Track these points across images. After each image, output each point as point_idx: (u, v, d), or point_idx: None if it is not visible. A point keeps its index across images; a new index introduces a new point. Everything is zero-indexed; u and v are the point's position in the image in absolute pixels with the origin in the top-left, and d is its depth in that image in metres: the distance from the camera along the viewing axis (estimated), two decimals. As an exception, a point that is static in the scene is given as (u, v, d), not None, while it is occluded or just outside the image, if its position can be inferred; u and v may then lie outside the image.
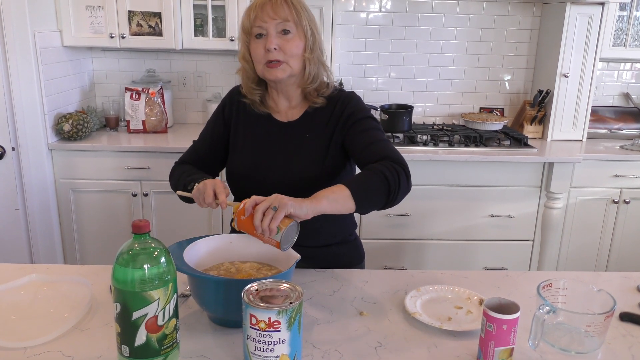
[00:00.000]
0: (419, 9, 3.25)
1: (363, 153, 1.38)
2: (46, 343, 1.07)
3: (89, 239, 2.93)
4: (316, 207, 1.16)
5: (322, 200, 1.18)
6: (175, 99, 3.33)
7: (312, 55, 1.41)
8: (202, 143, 1.58)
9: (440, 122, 3.41)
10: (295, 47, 1.37)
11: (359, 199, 1.22)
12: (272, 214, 1.11)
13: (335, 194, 1.20)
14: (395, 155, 1.34)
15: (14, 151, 2.65)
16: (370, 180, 1.26)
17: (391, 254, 2.95)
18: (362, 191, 1.24)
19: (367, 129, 1.42)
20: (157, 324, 0.94)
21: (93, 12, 2.86)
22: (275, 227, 1.11)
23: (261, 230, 1.12)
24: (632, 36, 3.10)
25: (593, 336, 1.06)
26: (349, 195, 1.21)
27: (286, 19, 1.35)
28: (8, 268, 1.41)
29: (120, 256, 0.93)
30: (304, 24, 1.38)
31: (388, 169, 1.28)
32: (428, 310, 1.23)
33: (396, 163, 1.31)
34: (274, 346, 0.90)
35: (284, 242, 1.14)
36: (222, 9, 2.94)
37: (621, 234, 3.03)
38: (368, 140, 1.39)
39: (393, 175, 1.27)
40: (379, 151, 1.36)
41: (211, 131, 1.57)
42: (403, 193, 1.31)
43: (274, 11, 1.35)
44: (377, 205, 1.29)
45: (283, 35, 1.37)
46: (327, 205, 1.18)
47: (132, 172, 2.82)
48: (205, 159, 1.56)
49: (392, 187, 1.27)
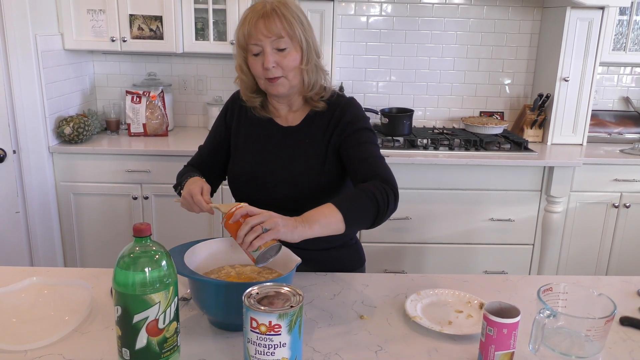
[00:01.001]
0: (420, 13, 3.25)
1: (357, 167, 1.40)
2: (47, 346, 1.07)
3: (89, 242, 2.93)
4: (307, 233, 1.18)
5: (314, 225, 1.19)
6: (176, 102, 3.34)
7: (309, 65, 1.41)
8: (206, 148, 1.61)
9: (440, 125, 3.42)
10: (292, 61, 1.38)
11: (349, 222, 1.24)
12: (259, 232, 1.11)
13: (327, 218, 1.22)
14: (386, 175, 1.36)
15: (14, 154, 2.66)
16: (361, 202, 1.27)
17: (391, 257, 2.95)
18: (353, 214, 1.25)
19: (363, 143, 1.43)
20: (158, 327, 0.94)
21: (94, 16, 2.87)
22: (257, 245, 1.11)
23: (242, 242, 1.13)
24: (632, 40, 3.11)
25: (593, 340, 1.06)
26: (340, 219, 1.22)
27: (280, 35, 1.34)
28: (9, 271, 1.41)
29: (122, 259, 0.93)
30: (298, 36, 1.37)
31: (379, 191, 1.29)
32: (428, 314, 1.23)
33: (386, 183, 1.33)
34: (275, 350, 0.90)
35: (260, 260, 1.14)
36: (223, 13, 2.95)
37: (621, 238, 3.03)
38: (363, 155, 1.41)
39: (383, 198, 1.29)
40: (371, 169, 1.37)
41: (214, 136, 1.59)
42: (390, 214, 1.33)
43: (267, 29, 1.34)
44: (364, 226, 1.31)
45: (279, 52, 1.36)
46: (319, 230, 1.20)
47: (132, 175, 2.82)
48: (209, 163, 1.59)
49: (381, 209, 1.29)
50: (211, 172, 1.57)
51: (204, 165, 1.58)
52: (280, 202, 1.45)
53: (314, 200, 1.45)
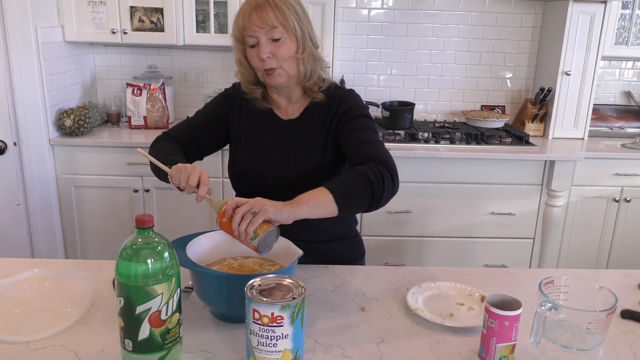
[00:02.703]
0: (421, 6, 3.24)
1: (353, 152, 1.38)
2: (49, 337, 1.08)
3: (90, 234, 2.93)
4: (297, 213, 1.16)
5: (303, 206, 1.17)
6: (176, 94, 3.33)
7: (305, 54, 1.40)
8: (197, 123, 1.54)
9: (441, 119, 3.41)
10: (287, 51, 1.37)
11: (341, 203, 1.21)
12: (250, 218, 1.11)
13: (318, 199, 1.20)
14: (383, 157, 1.33)
15: (15, 146, 2.65)
16: (353, 183, 1.25)
17: (392, 251, 2.96)
18: (345, 195, 1.23)
19: (360, 128, 1.41)
20: (161, 319, 0.94)
21: (95, 8, 2.86)
22: (251, 231, 1.11)
23: (238, 233, 1.12)
24: (634, 34, 3.10)
25: (594, 333, 1.07)
26: (331, 199, 1.20)
27: (273, 25, 1.34)
28: (11, 263, 1.41)
29: (124, 251, 0.93)
30: (292, 25, 1.36)
31: (372, 171, 1.26)
32: (430, 307, 1.23)
33: (382, 164, 1.29)
34: (277, 341, 0.90)
35: (262, 247, 1.14)
36: (223, 5, 2.94)
37: (622, 232, 3.03)
38: (359, 139, 1.39)
39: (377, 178, 1.25)
40: (367, 152, 1.35)
41: (209, 115, 1.54)
42: (388, 195, 1.29)
43: (260, 19, 1.33)
44: (361, 208, 1.28)
45: (274, 42, 1.36)
46: (309, 210, 1.17)
47: (133, 167, 2.82)
48: (198, 135, 1.52)
49: (376, 190, 1.25)
50: (194, 150, 1.52)
51: (185, 141, 1.51)
52: (281, 194, 1.44)
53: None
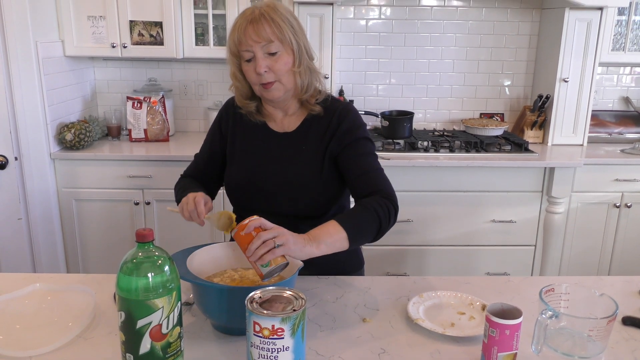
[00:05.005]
0: (419, 15, 3.26)
1: (357, 180, 1.41)
2: (50, 352, 1.08)
3: (92, 247, 2.94)
4: (314, 253, 1.20)
5: (321, 245, 1.21)
6: (176, 107, 3.35)
7: (302, 67, 1.41)
8: (202, 156, 1.61)
9: (440, 128, 3.42)
10: (284, 65, 1.37)
11: (353, 240, 1.27)
12: (271, 246, 1.12)
13: (333, 237, 1.24)
14: (387, 190, 1.38)
15: (16, 161, 2.67)
16: (365, 221, 1.30)
17: (393, 260, 2.95)
18: (357, 233, 1.28)
19: (362, 154, 1.44)
20: (162, 332, 0.95)
21: (95, 22, 2.88)
22: (268, 259, 1.12)
23: (251, 255, 1.13)
24: (631, 40, 3.12)
25: (596, 341, 1.06)
26: (344, 237, 1.25)
27: (269, 39, 1.34)
28: (12, 277, 1.42)
29: (125, 265, 0.94)
30: (288, 39, 1.36)
31: (381, 207, 1.32)
32: (431, 316, 1.23)
33: (387, 198, 1.35)
34: (278, 353, 0.90)
35: (268, 275, 1.15)
36: (222, 18, 2.96)
37: (623, 238, 3.03)
38: (364, 167, 1.42)
39: (385, 215, 1.32)
40: (372, 183, 1.39)
41: (209, 146, 1.59)
42: (390, 228, 1.36)
43: (256, 34, 1.34)
44: (366, 242, 1.34)
45: (270, 56, 1.36)
46: (325, 249, 1.23)
47: (134, 180, 2.83)
48: (206, 172, 1.58)
49: (383, 226, 1.32)
50: (209, 181, 1.57)
51: (200, 174, 1.58)
52: (278, 207, 1.45)
53: (312, 206, 1.46)
